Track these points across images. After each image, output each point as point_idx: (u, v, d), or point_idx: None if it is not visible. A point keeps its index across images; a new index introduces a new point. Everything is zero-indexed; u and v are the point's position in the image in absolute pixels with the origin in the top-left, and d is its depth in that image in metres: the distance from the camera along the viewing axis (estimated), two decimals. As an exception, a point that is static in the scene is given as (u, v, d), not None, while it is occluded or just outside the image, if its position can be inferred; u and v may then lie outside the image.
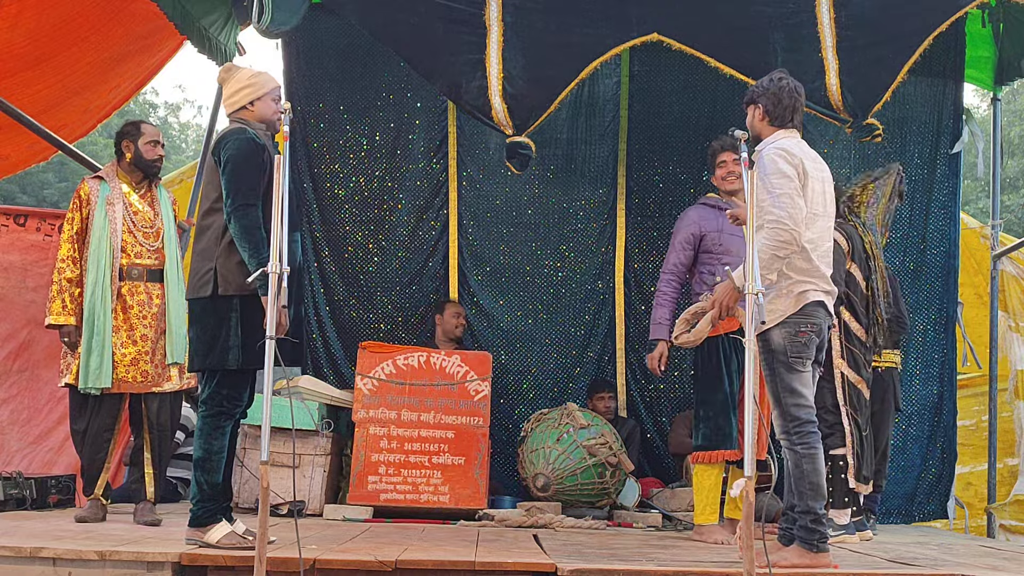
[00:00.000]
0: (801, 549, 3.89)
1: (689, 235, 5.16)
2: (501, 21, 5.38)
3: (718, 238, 5.10)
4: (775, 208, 3.88)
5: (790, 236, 3.87)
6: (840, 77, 5.35)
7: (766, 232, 3.88)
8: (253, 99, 4.11)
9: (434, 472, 5.62)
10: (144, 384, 4.93)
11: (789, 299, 3.96)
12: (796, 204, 3.90)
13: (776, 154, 3.97)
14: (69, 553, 3.61)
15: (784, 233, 3.86)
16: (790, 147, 4.01)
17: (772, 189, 3.91)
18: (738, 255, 4.97)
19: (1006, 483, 6.82)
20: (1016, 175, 18.94)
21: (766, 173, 3.93)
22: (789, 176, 3.92)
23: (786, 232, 3.86)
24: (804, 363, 3.98)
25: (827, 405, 5.16)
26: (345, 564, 3.61)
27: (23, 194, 18.95)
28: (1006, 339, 6.89)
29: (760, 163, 3.97)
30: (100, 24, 5.55)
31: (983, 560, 4.38)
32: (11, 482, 5.21)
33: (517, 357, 7.03)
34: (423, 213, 7.03)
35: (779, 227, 3.86)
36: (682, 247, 5.17)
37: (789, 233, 3.86)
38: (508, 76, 5.34)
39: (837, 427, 5.19)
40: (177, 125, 28.01)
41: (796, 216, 3.88)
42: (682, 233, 5.19)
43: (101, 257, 4.92)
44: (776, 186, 3.91)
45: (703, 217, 5.19)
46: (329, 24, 6.73)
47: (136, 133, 5.11)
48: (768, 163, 3.95)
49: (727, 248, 5.07)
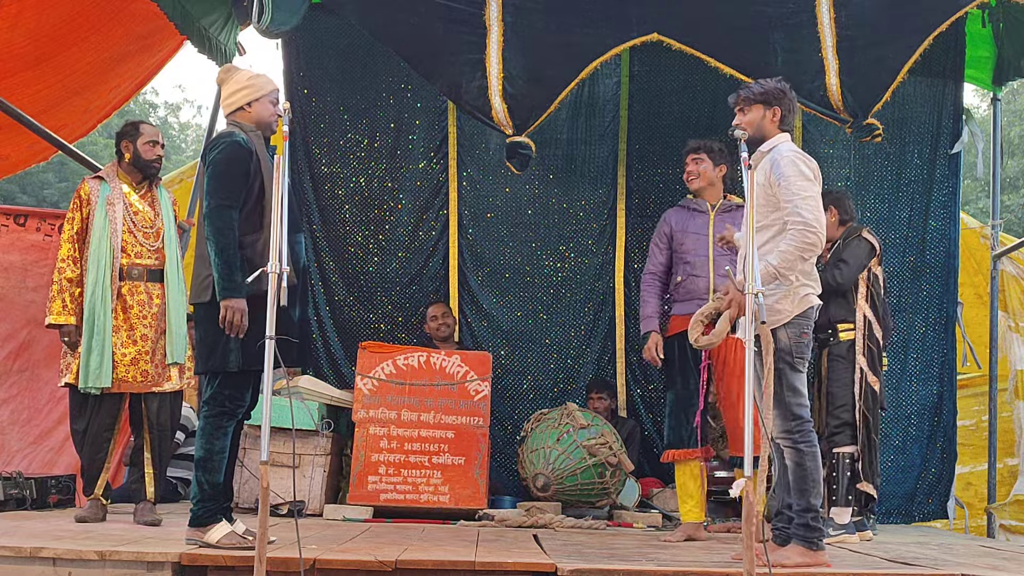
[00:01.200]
0: (801, 548, 3.89)
1: (661, 234, 5.28)
2: (501, 21, 5.38)
3: (681, 236, 5.19)
4: (803, 211, 3.89)
5: (817, 239, 3.90)
6: (840, 77, 5.35)
7: (794, 233, 3.89)
8: (250, 100, 4.11)
9: (434, 472, 5.62)
10: (144, 384, 4.93)
11: (795, 300, 3.99)
12: (820, 208, 3.95)
13: (796, 157, 4.01)
14: (69, 553, 3.60)
15: (812, 236, 3.89)
16: (801, 151, 4.06)
17: (798, 191, 3.92)
18: (695, 253, 5.07)
19: (1006, 483, 6.82)
20: (1016, 175, 18.94)
21: (786, 175, 3.95)
22: (811, 179, 3.97)
23: (813, 235, 3.89)
24: (804, 363, 4.02)
25: (843, 402, 5.18)
26: (345, 564, 3.61)
27: (23, 194, 18.95)
28: (1006, 339, 6.89)
29: (776, 164, 3.98)
30: (100, 24, 5.55)
31: (983, 560, 4.38)
32: (11, 482, 5.21)
33: (517, 357, 7.04)
34: (423, 213, 7.03)
35: (807, 229, 3.88)
36: (655, 247, 5.30)
37: (816, 236, 3.90)
38: (508, 76, 5.34)
39: (847, 425, 5.20)
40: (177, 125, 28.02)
41: (821, 220, 3.93)
42: (655, 234, 5.33)
43: (101, 257, 4.92)
44: (802, 188, 3.93)
45: (673, 216, 5.29)
46: (329, 24, 6.73)
47: (135, 133, 5.11)
48: (788, 165, 3.97)
49: (687, 248, 5.14)
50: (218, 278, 3.82)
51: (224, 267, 3.81)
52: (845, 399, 5.23)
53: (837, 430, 5.21)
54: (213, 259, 3.85)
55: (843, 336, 5.28)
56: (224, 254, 3.83)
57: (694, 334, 4.11)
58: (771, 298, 3.86)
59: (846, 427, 5.21)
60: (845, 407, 5.21)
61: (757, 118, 4.14)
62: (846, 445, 5.20)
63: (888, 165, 6.89)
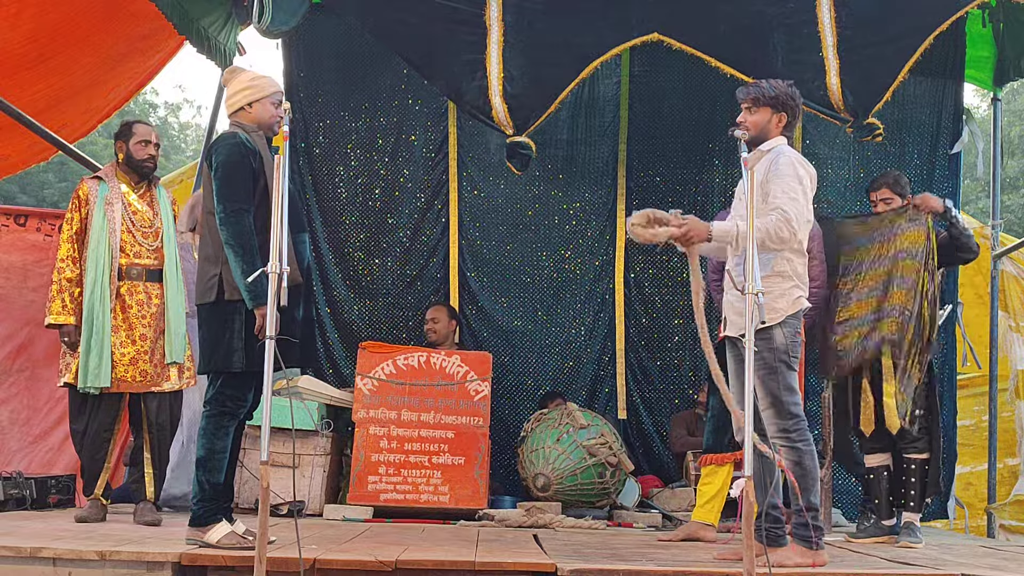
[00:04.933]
0: (801, 547, 3.89)
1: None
2: (501, 21, 5.38)
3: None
4: (786, 205, 3.90)
5: (790, 236, 3.91)
6: (840, 77, 5.36)
7: (772, 219, 3.87)
8: (251, 101, 4.11)
9: (434, 472, 5.62)
10: (143, 384, 4.93)
11: (789, 300, 4.00)
12: (804, 210, 3.96)
13: (796, 159, 4.03)
14: (69, 553, 3.60)
15: (786, 231, 3.89)
16: (802, 156, 4.10)
17: (787, 190, 3.93)
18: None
19: (1006, 483, 6.81)
20: (1016, 175, 18.94)
21: (782, 174, 3.96)
22: (804, 184, 3.98)
23: (788, 231, 3.89)
24: (797, 362, 4.04)
25: (925, 407, 5.10)
26: (345, 564, 3.61)
27: (23, 194, 18.94)
28: (1006, 339, 6.88)
29: (775, 163, 3.99)
30: (100, 24, 5.55)
31: (983, 560, 4.38)
32: (11, 482, 5.21)
33: (517, 357, 7.04)
34: (423, 213, 7.03)
35: (783, 223, 3.88)
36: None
37: (790, 233, 3.90)
38: (508, 76, 5.34)
39: (925, 431, 5.13)
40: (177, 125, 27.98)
41: (800, 220, 3.93)
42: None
43: (100, 257, 4.92)
44: (792, 189, 3.94)
45: None
46: (329, 25, 6.73)
47: (128, 134, 5.13)
48: (786, 166, 3.98)
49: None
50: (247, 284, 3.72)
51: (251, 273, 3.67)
52: (927, 403, 5.11)
53: (918, 435, 5.08)
54: (236, 265, 3.81)
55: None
56: (248, 259, 3.78)
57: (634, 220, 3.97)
58: (767, 297, 3.85)
59: (924, 433, 5.11)
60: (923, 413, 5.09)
61: (763, 120, 4.11)
62: (924, 452, 5.11)
63: (888, 165, 6.86)
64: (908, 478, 5.13)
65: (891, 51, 5.47)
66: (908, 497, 5.13)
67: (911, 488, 5.12)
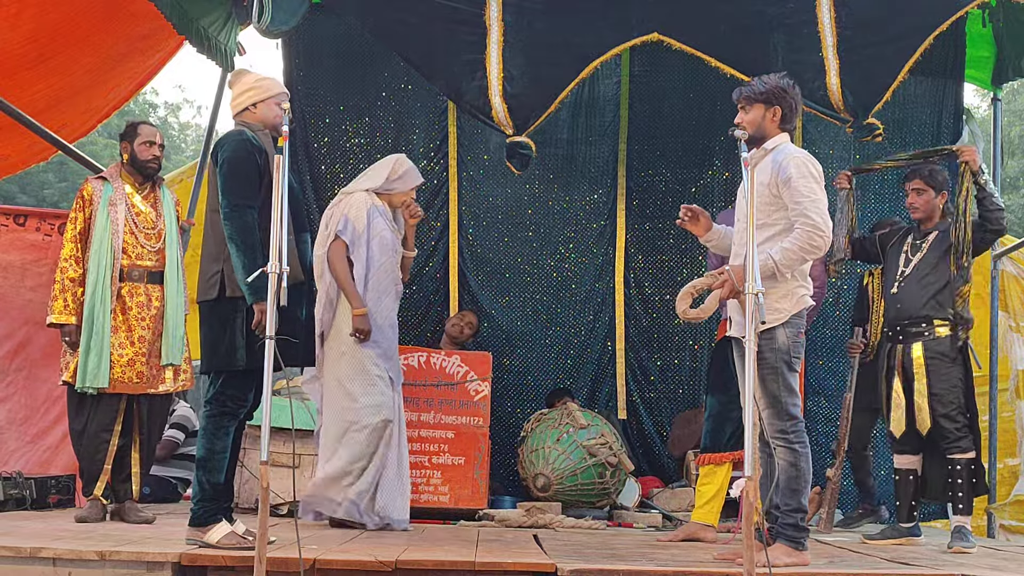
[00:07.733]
0: (787, 547, 3.88)
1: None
2: (501, 21, 5.38)
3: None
4: (812, 213, 3.86)
5: (823, 242, 3.87)
6: (840, 77, 5.35)
7: (800, 233, 3.86)
8: (256, 101, 4.12)
9: (434, 472, 5.61)
10: (139, 385, 4.94)
11: (792, 300, 3.98)
12: (825, 207, 3.92)
13: (805, 158, 3.99)
14: (69, 553, 3.60)
15: (818, 239, 3.86)
16: (806, 152, 4.06)
17: (807, 193, 3.89)
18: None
19: (1006, 483, 6.81)
20: (1016, 175, 18.93)
21: (794, 176, 3.91)
22: (818, 181, 3.94)
23: (820, 238, 3.86)
24: (799, 363, 4.02)
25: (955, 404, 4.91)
26: (345, 564, 3.60)
27: (23, 194, 18.93)
28: (1006, 339, 6.88)
29: (782, 166, 3.95)
30: (100, 24, 5.54)
31: (983, 560, 4.38)
32: (11, 482, 5.21)
33: (517, 357, 7.04)
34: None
35: (815, 232, 3.85)
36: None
37: (823, 239, 3.86)
38: (508, 76, 5.34)
39: (966, 429, 4.91)
40: (177, 125, 27.98)
41: (829, 224, 3.90)
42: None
43: (102, 258, 4.93)
44: (811, 191, 3.90)
45: None
46: (329, 24, 6.72)
47: (132, 135, 5.14)
48: (796, 166, 3.94)
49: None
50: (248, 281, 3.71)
51: (252, 270, 3.66)
52: (955, 399, 4.91)
53: (960, 435, 4.88)
54: (238, 261, 3.80)
55: (939, 332, 4.99)
56: (250, 255, 3.77)
57: (682, 306, 4.04)
58: (770, 297, 3.84)
59: (966, 432, 4.90)
60: (958, 408, 4.90)
61: (758, 117, 4.09)
62: (969, 451, 4.88)
63: (888, 165, 6.87)
64: (955, 479, 4.89)
65: (891, 51, 5.46)
66: (956, 499, 4.89)
67: (958, 490, 4.88)
